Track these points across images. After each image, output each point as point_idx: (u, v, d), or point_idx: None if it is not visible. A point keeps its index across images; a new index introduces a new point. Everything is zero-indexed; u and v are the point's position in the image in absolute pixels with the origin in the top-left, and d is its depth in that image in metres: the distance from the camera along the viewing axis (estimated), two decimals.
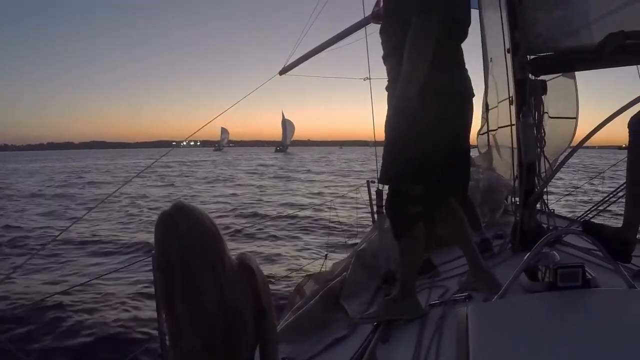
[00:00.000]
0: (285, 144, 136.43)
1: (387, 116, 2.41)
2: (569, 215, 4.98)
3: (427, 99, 2.25)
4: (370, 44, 4.24)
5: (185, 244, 1.75)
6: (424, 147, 2.32)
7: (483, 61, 5.54)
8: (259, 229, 11.69)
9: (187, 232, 1.76)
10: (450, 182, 2.54)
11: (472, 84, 2.51)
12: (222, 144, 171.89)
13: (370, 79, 4.32)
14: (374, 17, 3.05)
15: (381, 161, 2.51)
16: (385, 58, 2.50)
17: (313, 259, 8.62)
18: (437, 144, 2.34)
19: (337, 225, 9.16)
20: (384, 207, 2.58)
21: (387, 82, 2.51)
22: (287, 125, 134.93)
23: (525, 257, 1.93)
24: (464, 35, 2.47)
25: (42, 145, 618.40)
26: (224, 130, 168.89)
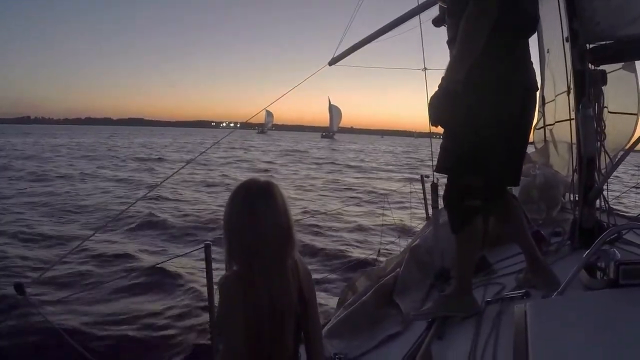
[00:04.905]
0: (332, 130, 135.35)
1: (431, 97, 2.27)
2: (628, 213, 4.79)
3: (489, 90, 2.24)
4: (425, 33, 4.14)
5: (260, 232, 1.68)
6: (483, 138, 2.29)
7: (539, 53, 5.38)
8: (309, 224, 11.61)
9: (264, 221, 1.68)
10: (507, 176, 2.49)
11: None
12: (266, 127, 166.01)
13: (426, 69, 4.26)
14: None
15: (439, 151, 2.48)
16: (450, 42, 2.46)
17: (366, 255, 8.60)
18: (497, 135, 2.31)
19: (390, 221, 9.08)
20: (442, 200, 2.55)
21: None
22: (334, 111, 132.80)
23: (586, 253, 1.89)
24: (532, 30, 2.44)
25: (80, 119, 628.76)
26: (269, 114, 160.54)
